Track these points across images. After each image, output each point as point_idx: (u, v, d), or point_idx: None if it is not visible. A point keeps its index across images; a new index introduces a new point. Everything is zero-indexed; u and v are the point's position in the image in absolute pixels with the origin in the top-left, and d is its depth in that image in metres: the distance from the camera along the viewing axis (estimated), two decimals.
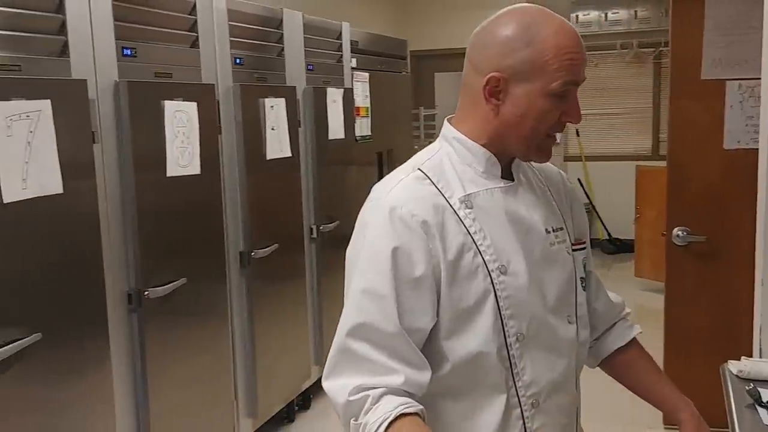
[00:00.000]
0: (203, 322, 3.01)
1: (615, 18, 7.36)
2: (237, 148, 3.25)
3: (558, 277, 1.30)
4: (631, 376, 1.48)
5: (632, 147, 7.70)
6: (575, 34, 1.22)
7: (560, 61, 1.19)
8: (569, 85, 1.21)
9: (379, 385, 1.15)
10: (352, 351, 1.17)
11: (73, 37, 2.32)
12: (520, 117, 1.22)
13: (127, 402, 2.59)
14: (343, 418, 1.17)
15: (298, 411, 3.93)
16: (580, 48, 1.22)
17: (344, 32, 4.30)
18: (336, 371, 1.19)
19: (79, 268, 2.34)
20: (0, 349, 2.00)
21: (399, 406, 1.12)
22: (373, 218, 1.22)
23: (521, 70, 1.20)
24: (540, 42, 1.19)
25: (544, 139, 1.25)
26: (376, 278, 1.17)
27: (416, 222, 1.19)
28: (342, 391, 1.16)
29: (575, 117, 1.24)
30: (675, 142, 3.41)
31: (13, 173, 2.03)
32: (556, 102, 1.21)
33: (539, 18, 1.22)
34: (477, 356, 1.21)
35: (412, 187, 1.24)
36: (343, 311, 1.22)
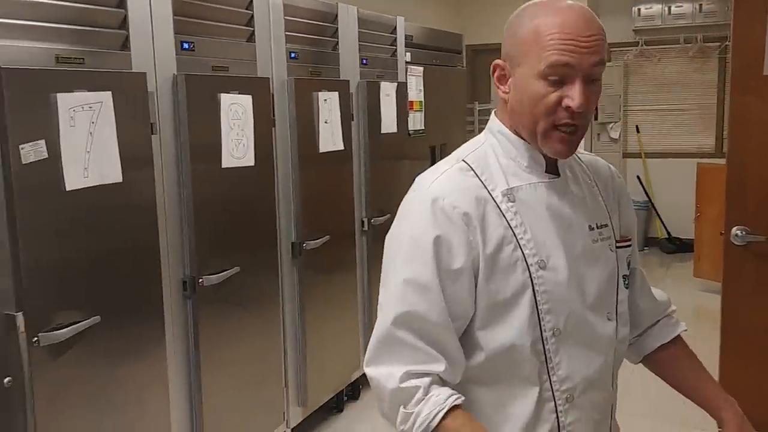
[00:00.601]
0: (255, 310, 3.08)
1: (678, 11, 7.16)
2: (290, 141, 3.31)
3: (599, 274, 1.29)
4: (674, 373, 1.46)
5: (694, 144, 7.49)
6: (577, 17, 1.17)
7: (545, 42, 1.16)
8: (558, 67, 1.16)
9: (425, 371, 1.17)
10: (398, 339, 1.19)
11: (134, 31, 2.41)
12: (519, 103, 1.23)
13: (181, 384, 2.67)
14: (390, 404, 1.19)
15: (347, 401, 3.98)
16: (574, 30, 1.16)
17: (399, 27, 4.31)
18: (379, 358, 1.21)
19: (137, 254, 2.42)
20: (62, 330, 2.10)
21: (450, 397, 1.15)
22: (415, 209, 1.24)
23: (515, 54, 1.21)
24: (529, 23, 1.19)
25: (551, 130, 1.21)
26: (420, 268, 1.19)
27: (457, 214, 1.20)
28: (390, 377, 1.18)
29: (574, 102, 1.17)
30: (735, 139, 3.31)
31: (75, 162, 2.12)
32: (552, 86, 1.18)
33: (543, 4, 1.21)
34: (510, 348, 1.22)
35: (456, 178, 1.25)
36: (382, 299, 1.25)
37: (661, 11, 7.23)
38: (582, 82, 1.18)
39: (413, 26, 4.54)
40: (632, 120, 7.68)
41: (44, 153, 2.03)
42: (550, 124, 1.20)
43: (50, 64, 2.11)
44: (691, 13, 7.11)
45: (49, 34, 2.13)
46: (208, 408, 2.75)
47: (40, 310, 2.05)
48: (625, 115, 7.65)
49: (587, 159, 1.41)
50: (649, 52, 7.50)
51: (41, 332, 2.05)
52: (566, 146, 1.23)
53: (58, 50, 2.14)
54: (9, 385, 1.93)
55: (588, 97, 1.18)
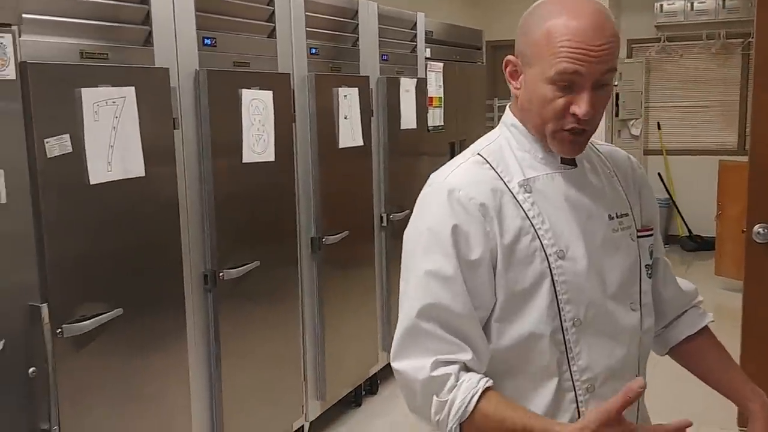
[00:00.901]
0: (275, 304, 3.10)
1: (701, 7, 7.08)
2: (310, 136, 3.33)
3: (620, 264, 1.29)
4: (701, 364, 1.45)
5: (717, 141, 7.42)
6: (589, 24, 1.15)
7: (556, 48, 1.16)
8: (567, 74, 1.16)
9: (455, 360, 1.18)
10: (423, 331, 1.19)
11: (157, 26, 2.43)
12: (528, 102, 1.24)
13: (201, 377, 2.70)
14: (422, 396, 1.18)
15: (365, 395, 3.99)
16: (586, 38, 1.14)
17: (419, 22, 4.31)
18: (406, 352, 1.21)
19: (159, 248, 2.45)
20: (85, 321, 2.13)
21: (481, 380, 1.16)
22: (432, 201, 1.25)
23: (526, 54, 1.22)
24: (541, 25, 1.18)
25: (559, 132, 1.21)
26: (441, 259, 1.20)
27: (474, 205, 1.21)
28: (421, 368, 1.18)
29: (580, 110, 1.17)
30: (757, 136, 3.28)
31: (99, 156, 2.15)
32: (559, 91, 1.18)
33: (557, 4, 1.20)
34: (529, 337, 1.22)
35: (471, 171, 1.26)
36: (403, 292, 1.25)
37: (683, 7, 7.16)
38: (590, 90, 1.18)
39: (433, 22, 4.54)
40: (653, 117, 7.62)
41: (69, 147, 2.06)
42: (558, 127, 1.21)
43: (75, 59, 2.14)
44: (714, 9, 7.03)
45: (73, 30, 2.15)
46: (228, 400, 2.78)
47: (64, 302, 2.09)
48: (647, 111, 7.59)
49: (606, 150, 1.41)
50: (671, 49, 7.43)
51: (65, 324, 2.08)
52: (573, 147, 1.24)
53: (82, 46, 2.17)
54: (33, 375, 1.96)
55: (594, 105, 1.18)
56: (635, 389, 1.06)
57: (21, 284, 1.96)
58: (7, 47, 1.85)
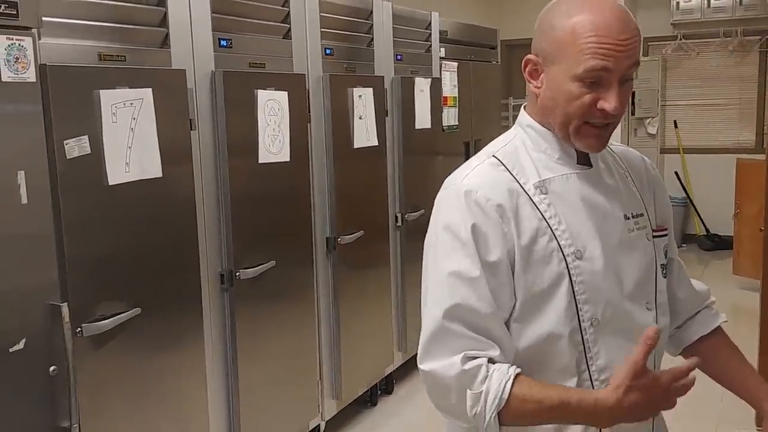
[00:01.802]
0: (290, 303, 3.12)
1: (718, 5, 7.03)
2: (325, 137, 3.34)
3: (636, 263, 1.29)
4: (714, 364, 1.44)
5: (734, 139, 7.36)
6: (614, 18, 1.17)
7: (583, 45, 1.16)
8: (595, 71, 1.16)
9: (483, 354, 1.18)
10: (451, 331, 1.19)
11: (174, 29, 2.45)
12: (552, 100, 1.23)
13: (218, 376, 2.72)
14: (456, 392, 1.18)
15: (380, 395, 4.00)
16: (613, 32, 1.16)
17: (433, 22, 4.32)
18: (434, 353, 1.21)
19: (176, 248, 2.47)
20: (104, 320, 2.16)
21: (511, 368, 1.17)
22: (450, 203, 1.25)
23: (550, 52, 1.21)
24: (566, 24, 1.19)
25: (584, 127, 1.22)
26: (463, 260, 1.20)
27: (491, 206, 1.21)
28: (450, 366, 1.18)
29: (609, 105, 1.18)
30: None
31: (117, 157, 2.18)
32: (586, 87, 1.18)
33: (575, 1, 1.20)
34: (548, 338, 1.22)
35: (487, 172, 1.26)
36: (426, 294, 1.25)
37: (700, 4, 7.11)
38: (618, 85, 1.18)
39: (448, 21, 4.54)
40: (670, 115, 7.57)
41: (87, 148, 2.09)
42: (584, 122, 1.21)
43: (93, 61, 2.17)
44: (731, 6, 6.97)
45: (92, 33, 2.18)
46: (245, 399, 2.80)
47: (84, 302, 2.11)
48: (663, 110, 7.54)
49: (620, 150, 1.41)
50: (688, 46, 7.38)
51: (84, 323, 2.10)
52: (599, 141, 1.24)
53: (100, 48, 2.19)
54: (54, 373, 1.99)
55: (622, 100, 1.19)
56: (652, 336, 1.10)
57: (41, 284, 1.99)
58: (28, 50, 1.88)
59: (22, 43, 1.85)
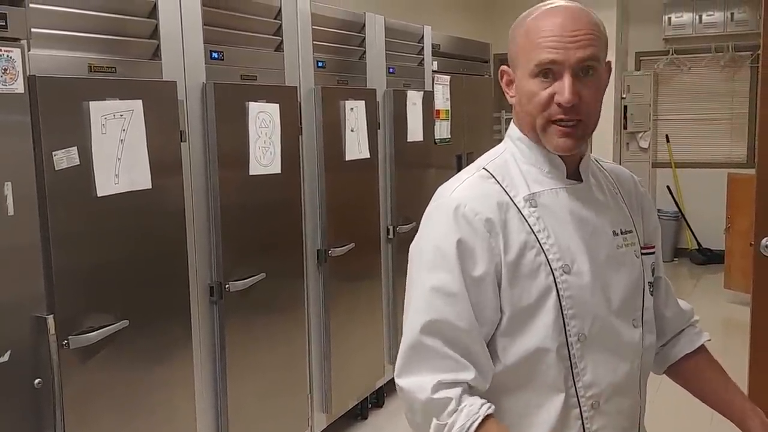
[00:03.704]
0: (280, 316, 3.10)
1: (710, 20, 7.09)
2: (317, 149, 3.34)
3: (624, 280, 1.29)
4: (699, 383, 1.45)
5: (725, 154, 7.39)
6: (564, 16, 1.21)
7: (535, 42, 1.21)
8: (545, 65, 1.20)
9: (456, 380, 1.17)
10: (427, 347, 1.19)
11: (165, 40, 2.45)
12: (519, 105, 1.27)
13: (207, 389, 2.70)
14: (422, 415, 1.19)
15: (371, 408, 3.98)
16: (559, 29, 1.19)
17: (426, 36, 4.33)
18: (410, 368, 1.21)
19: (165, 260, 2.46)
20: (91, 333, 2.14)
21: (482, 407, 1.16)
22: (438, 217, 1.25)
23: (513, 58, 1.26)
24: (522, 27, 1.24)
25: (549, 125, 1.23)
26: (445, 276, 1.20)
27: (479, 220, 1.21)
28: (422, 389, 1.18)
29: (561, 97, 1.19)
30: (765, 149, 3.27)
31: (106, 169, 2.17)
32: (544, 83, 1.21)
33: (538, 8, 1.25)
34: (535, 353, 1.22)
35: (476, 185, 1.26)
36: (408, 308, 1.25)
37: (691, 20, 7.16)
38: (570, 77, 1.19)
39: (440, 35, 4.56)
40: (662, 129, 7.60)
41: (76, 160, 2.08)
42: (546, 120, 1.23)
43: (83, 73, 2.16)
44: (723, 21, 7.03)
45: (82, 44, 2.18)
46: (234, 412, 2.78)
47: (71, 314, 2.10)
48: (655, 124, 7.58)
49: (609, 167, 1.42)
50: (680, 61, 7.43)
51: (71, 335, 2.09)
52: (567, 139, 1.23)
53: (90, 59, 2.19)
54: (39, 386, 1.97)
55: (578, 92, 1.20)
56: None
57: (27, 295, 1.97)
58: (16, 61, 1.87)
59: (10, 54, 1.85)
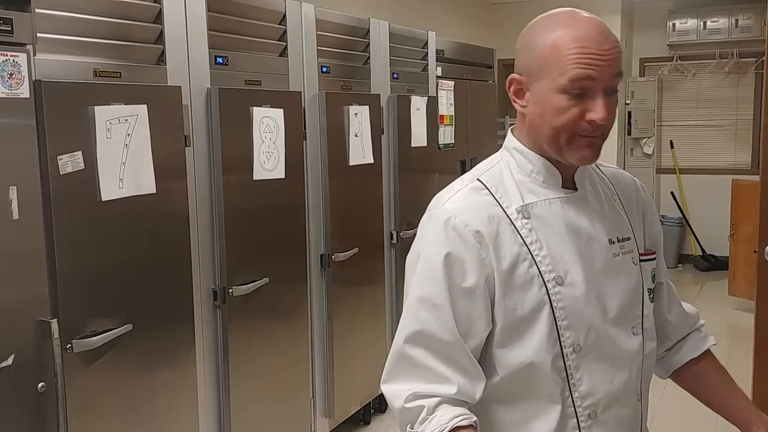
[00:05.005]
0: (283, 320, 3.10)
1: (714, 26, 7.08)
2: (321, 154, 3.34)
3: (621, 288, 1.28)
4: (704, 387, 1.44)
5: (730, 160, 7.39)
6: (595, 29, 1.18)
7: (566, 56, 1.16)
8: (581, 81, 1.16)
9: (433, 393, 1.18)
10: (409, 357, 1.20)
11: (170, 46, 2.46)
12: (539, 116, 1.22)
13: (210, 393, 2.70)
14: (400, 423, 1.21)
15: (373, 413, 3.98)
16: (594, 43, 1.16)
17: (430, 41, 4.34)
18: (393, 376, 1.23)
19: (169, 264, 2.47)
20: (95, 337, 2.15)
21: (454, 419, 1.15)
22: (429, 229, 1.25)
23: (533, 68, 1.21)
24: (548, 39, 1.19)
25: (575, 138, 1.20)
26: (431, 287, 1.20)
27: (469, 232, 1.20)
28: (398, 397, 1.20)
29: (597, 115, 1.17)
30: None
31: (110, 173, 2.18)
32: (574, 99, 1.18)
33: (558, 17, 1.21)
34: (529, 365, 1.21)
35: (468, 197, 1.26)
36: (401, 317, 1.26)
37: (696, 26, 7.16)
38: (603, 95, 1.18)
39: (444, 40, 4.56)
40: (666, 135, 7.60)
41: (81, 164, 2.09)
42: (572, 134, 1.20)
43: (88, 77, 2.17)
44: (727, 28, 7.03)
45: (87, 49, 2.19)
46: (237, 417, 2.78)
47: (74, 317, 2.10)
48: (659, 130, 7.58)
49: (610, 172, 1.41)
50: (684, 67, 7.43)
51: (75, 339, 2.09)
52: (591, 151, 1.22)
53: (96, 64, 2.20)
54: (43, 390, 1.97)
55: (610, 110, 1.19)
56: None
57: (31, 299, 1.98)
58: (22, 66, 1.88)
59: (16, 59, 1.86)
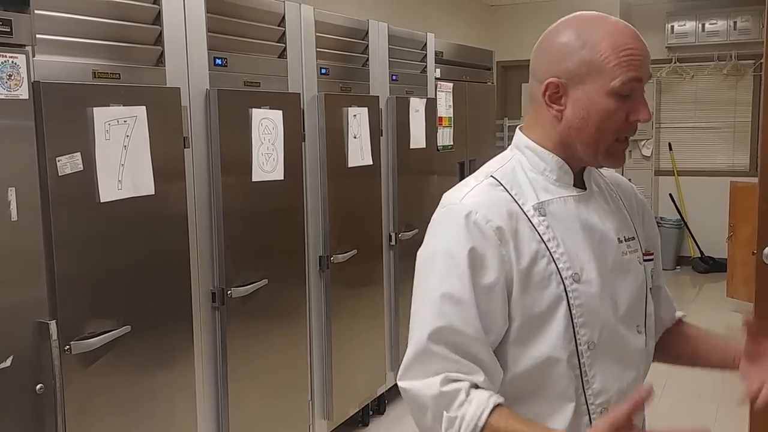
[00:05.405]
0: (282, 322, 3.10)
1: (712, 29, 7.09)
2: (320, 156, 3.34)
3: (629, 287, 1.30)
4: (681, 344, 1.49)
5: (728, 162, 7.40)
6: (632, 31, 1.23)
7: (618, 58, 1.19)
8: (632, 82, 1.20)
9: (464, 378, 1.17)
10: (434, 353, 1.19)
11: (169, 47, 2.46)
12: (582, 120, 1.23)
13: (208, 395, 2.70)
14: (434, 412, 1.17)
15: (372, 415, 3.98)
16: (638, 44, 1.22)
17: (429, 43, 4.34)
18: (415, 372, 1.20)
19: (168, 265, 2.46)
20: (93, 338, 2.14)
21: (491, 396, 1.15)
22: (448, 223, 1.24)
23: (579, 72, 1.22)
24: (595, 41, 1.21)
25: (614, 144, 1.24)
26: (455, 283, 1.19)
27: (491, 228, 1.20)
28: (431, 385, 1.17)
29: (643, 114, 1.22)
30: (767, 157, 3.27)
31: (109, 174, 2.18)
32: (620, 101, 1.21)
33: (593, 20, 1.24)
34: (546, 362, 1.22)
35: (486, 193, 1.26)
36: (415, 313, 1.24)
37: (694, 28, 7.17)
38: (641, 93, 1.23)
39: (443, 42, 4.56)
40: (665, 137, 7.61)
41: (80, 165, 2.08)
42: (615, 139, 1.24)
43: (87, 79, 2.17)
44: (726, 30, 7.04)
45: (86, 51, 2.19)
46: (235, 419, 2.78)
47: (73, 319, 2.10)
48: (658, 132, 7.59)
49: (609, 174, 1.43)
50: (683, 69, 7.44)
51: (73, 340, 2.09)
52: (623, 158, 1.28)
53: (95, 66, 2.20)
54: (41, 391, 1.97)
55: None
56: (641, 398, 1.09)
57: (30, 301, 1.98)
58: (21, 67, 1.88)
59: (15, 61, 1.86)
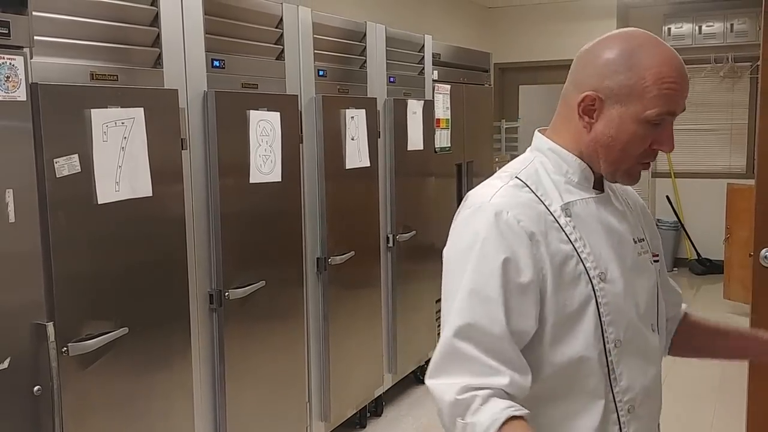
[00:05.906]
0: (280, 324, 3.10)
1: (709, 31, 7.11)
2: (317, 157, 3.34)
3: (646, 286, 1.34)
4: (699, 337, 1.53)
5: (725, 164, 7.41)
6: (680, 65, 1.23)
7: (659, 90, 1.21)
8: (665, 116, 1.22)
9: (485, 385, 1.17)
10: (458, 351, 1.19)
11: (167, 49, 2.46)
12: (610, 138, 1.25)
13: (206, 397, 2.70)
14: (448, 417, 1.18)
15: (370, 417, 3.97)
16: (682, 79, 1.23)
17: (426, 45, 4.35)
18: (442, 370, 1.21)
19: (165, 267, 2.46)
20: (90, 340, 2.14)
21: (507, 408, 1.14)
22: (478, 222, 1.24)
23: (618, 93, 1.23)
24: (642, 68, 1.22)
25: (634, 165, 1.27)
26: (485, 281, 1.20)
27: (522, 228, 1.22)
28: (449, 389, 1.17)
29: (667, 146, 1.26)
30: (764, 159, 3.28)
31: (107, 176, 2.18)
32: (649, 129, 1.23)
33: (646, 44, 1.24)
34: (579, 361, 1.24)
35: (514, 193, 1.27)
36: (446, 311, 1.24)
37: (691, 31, 7.18)
38: (671, 126, 1.26)
39: (441, 44, 4.57)
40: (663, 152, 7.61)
41: (77, 167, 2.08)
42: (636, 162, 1.27)
43: (85, 80, 2.17)
44: (722, 32, 7.05)
45: (84, 52, 2.19)
46: (233, 420, 2.78)
47: (70, 321, 2.10)
48: None
49: None
50: None
51: (71, 342, 2.09)
52: (639, 178, 1.31)
53: (93, 67, 2.20)
54: (38, 393, 1.97)
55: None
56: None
57: (27, 302, 1.98)
58: (19, 69, 1.88)
59: (13, 62, 1.86)
